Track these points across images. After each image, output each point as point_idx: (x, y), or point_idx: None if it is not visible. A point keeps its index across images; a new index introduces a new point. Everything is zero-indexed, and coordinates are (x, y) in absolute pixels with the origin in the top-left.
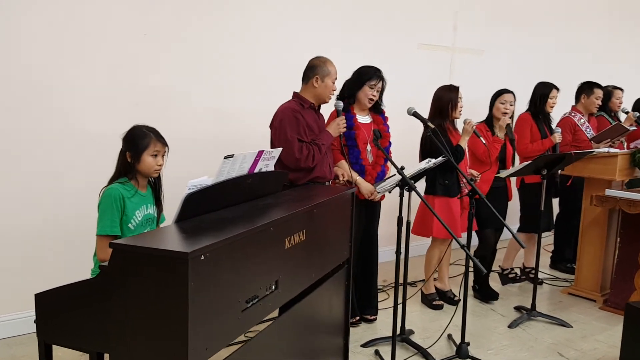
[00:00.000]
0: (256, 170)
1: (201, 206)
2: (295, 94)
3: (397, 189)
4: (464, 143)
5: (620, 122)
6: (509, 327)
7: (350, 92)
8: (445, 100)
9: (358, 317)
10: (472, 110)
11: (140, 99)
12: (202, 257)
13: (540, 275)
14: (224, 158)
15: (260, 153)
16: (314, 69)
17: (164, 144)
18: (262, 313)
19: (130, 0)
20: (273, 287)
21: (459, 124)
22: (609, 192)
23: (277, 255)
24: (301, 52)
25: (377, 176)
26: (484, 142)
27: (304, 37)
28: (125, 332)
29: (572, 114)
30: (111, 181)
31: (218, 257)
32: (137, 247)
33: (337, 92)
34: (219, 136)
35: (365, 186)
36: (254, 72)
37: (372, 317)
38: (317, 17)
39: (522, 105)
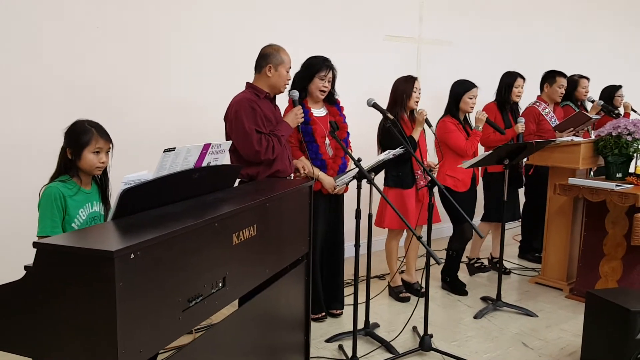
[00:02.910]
0: (204, 165)
1: (141, 202)
2: (248, 84)
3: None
4: (416, 134)
5: (587, 111)
6: (475, 317)
7: (300, 86)
8: (400, 91)
9: (324, 313)
10: (441, 101)
11: (93, 94)
12: (132, 256)
13: (508, 265)
14: (164, 151)
15: (207, 146)
16: (267, 58)
17: (108, 140)
18: (208, 312)
19: None
20: (220, 285)
21: None
22: (572, 180)
23: (223, 251)
24: (263, 43)
25: (338, 169)
26: (433, 131)
27: (267, 28)
28: (52, 337)
29: (537, 104)
30: (52, 179)
31: (152, 255)
32: (61, 246)
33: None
34: (179, 130)
35: (328, 181)
36: (212, 63)
37: (338, 312)
38: (281, 8)
39: (490, 96)
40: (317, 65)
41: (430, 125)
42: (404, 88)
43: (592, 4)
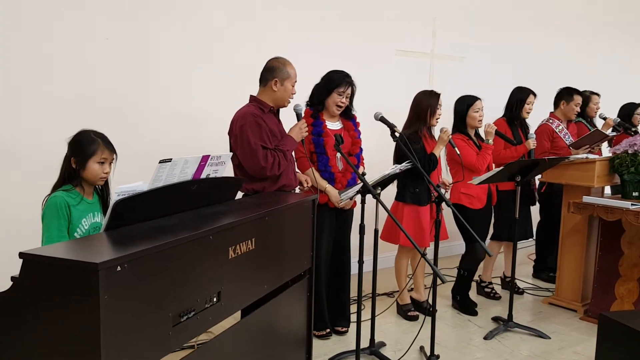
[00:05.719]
0: (202, 177)
1: (136, 214)
2: (252, 98)
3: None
4: (437, 151)
5: (597, 128)
6: (485, 338)
7: (318, 99)
8: (424, 105)
9: (328, 330)
10: (452, 117)
11: (99, 105)
12: (119, 268)
13: (522, 285)
14: (160, 162)
15: (206, 158)
16: (273, 71)
17: (112, 150)
18: (201, 327)
19: (90, 3)
20: (214, 300)
21: (437, 132)
22: (586, 199)
23: (218, 265)
24: (270, 56)
25: (347, 184)
26: (458, 152)
27: (279, 42)
28: (35, 349)
29: (550, 121)
30: (54, 188)
31: (141, 268)
32: (45, 257)
33: (300, 96)
34: (184, 143)
35: (334, 194)
36: (221, 76)
37: (344, 330)
38: (293, 23)
39: (502, 111)
40: (337, 81)
41: (454, 146)
42: (429, 103)
43: (606, 20)
